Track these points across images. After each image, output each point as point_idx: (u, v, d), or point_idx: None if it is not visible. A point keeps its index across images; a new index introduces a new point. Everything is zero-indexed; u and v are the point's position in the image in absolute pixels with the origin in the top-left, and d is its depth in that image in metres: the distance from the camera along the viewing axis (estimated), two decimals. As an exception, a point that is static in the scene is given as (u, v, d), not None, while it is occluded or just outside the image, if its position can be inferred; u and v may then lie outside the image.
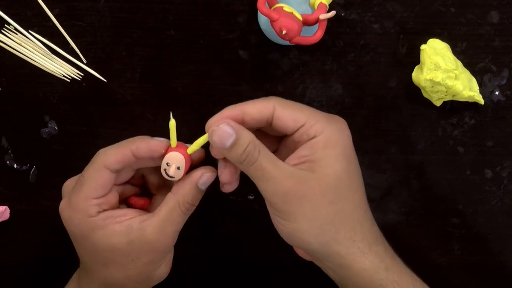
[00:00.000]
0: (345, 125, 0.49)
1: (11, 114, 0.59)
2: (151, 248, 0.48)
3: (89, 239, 0.48)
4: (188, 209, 0.48)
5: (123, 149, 0.48)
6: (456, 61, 0.56)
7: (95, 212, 0.47)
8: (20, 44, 0.58)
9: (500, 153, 0.59)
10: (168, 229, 0.48)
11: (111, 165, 0.47)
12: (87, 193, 0.47)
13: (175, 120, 0.47)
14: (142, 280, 0.50)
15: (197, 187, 0.48)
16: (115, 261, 0.48)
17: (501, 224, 0.60)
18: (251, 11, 0.58)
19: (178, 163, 0.48)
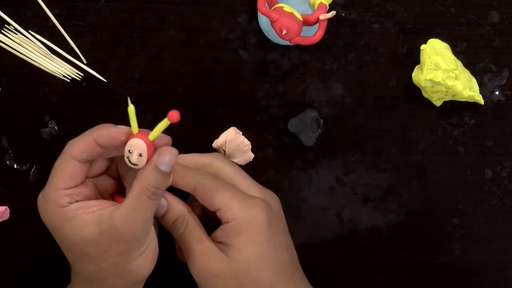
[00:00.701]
0: (263, 209, 0.49)
1: (11, 114, 0.59)
2: (121, 237, 0.47)
3: (62, 230, 0.48)
4: (153, 193, 0.46)
5: (87, 138, 0.47)
6: (456, 61, 0.56)
7: (66, 203, 0.47)
8: (20, 44, 0.58)
9: (500, 153, 0.59)
10: (136, 216, 0.47)
11: (77, 155, 0.47)
12: (57, 184, 0.47)
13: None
14: (119, 273, 0.48)
15: (157, 169, 0.46)
16: (88, 254, 0.48)
17: (501, 224, 0.60)
18: (251, 11, 0.58)
19: (139, 149, 0.46)
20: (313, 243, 0.59)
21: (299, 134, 0.58)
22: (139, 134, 0.47)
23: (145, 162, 0.47)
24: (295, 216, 0.60)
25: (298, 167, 0.59)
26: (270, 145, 0.59)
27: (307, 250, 0.59)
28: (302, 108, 0.58)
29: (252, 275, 0.48)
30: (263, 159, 0.59)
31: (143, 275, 0.50)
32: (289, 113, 0.59)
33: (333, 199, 0.60)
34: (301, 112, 0.58)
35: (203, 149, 0.57)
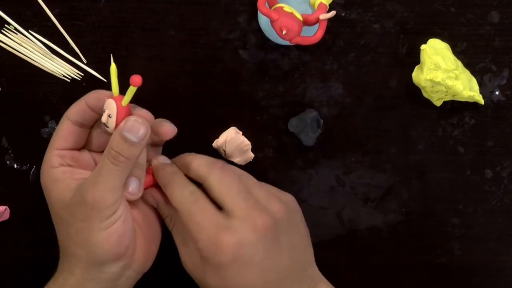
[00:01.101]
0: (228, 247, 0.48)
1: (11, 114, 0.59)
2: (83, 201, 0.47)
3: (48, 190, 0.50)
4: (114, 157, 0.46)
5: (80, 101, 0.51)
6: (456, 61, 0.56)
7: (56, 163, 0.49)
8: (20, 44, 0.58)
9: (500, 153, 0.59)
10: (98, 180, 0.47)
11: (71, 116, 0.50)
12: (52, 144, 0.51)
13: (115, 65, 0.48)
14: (81, 243, 0.48)
15: (121, 134, 0.46)
16: (61, 217, 0.49)
17: (501, 224, 0.60)
18: (251, 11, 0.58)
19: (109, 110, 0.47)
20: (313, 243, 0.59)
21: (299, 134, 0.58)
22: (117, 97, 0.48)
23: (113, 124, 0.48)
24: (295, 216, 0.60)
25: (298, 167, 0.59)
26: (270, 145, 0.59)
27: (307, 250, 0.59)
28: (302, 108, 0.58)
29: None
30: (263, 159, 0.59)
31: (106, 255, 0.48)
32: (289, 113, 0.59)
33: (333, 199, 0.60)
34: (301, 112, 0.58)
35: (203, 149, 0.57)
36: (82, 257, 0.49)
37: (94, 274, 0.49)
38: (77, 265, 0.49)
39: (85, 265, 0.49)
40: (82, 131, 0.51)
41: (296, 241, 0.51)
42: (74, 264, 0.49)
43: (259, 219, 0.48)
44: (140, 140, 0.47)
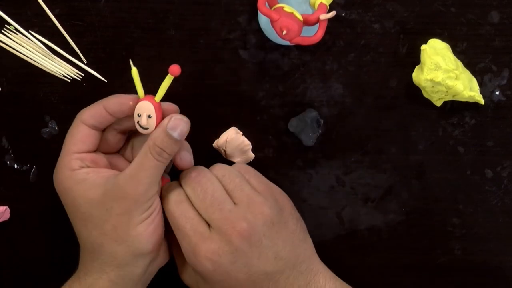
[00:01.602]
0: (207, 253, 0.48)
1: (11, 114, 0.59)
2: (123, 195, 0.48)
3: (71, 193, 0.49)
4: (158, 153, 0.48)
5: (97, 105, 0.51)
6: (457, 61, 0.56)
7: (77, 166, 0.50)
8: (20, 44, 0.58)
9: (501, 153, 0.59)
10: (140, 174, 0.48)
11: (87, 120, 0.50)
12: (68, 148, 0.50)
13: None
14: (118, 238, 0.49)
15: (165, 131, 0.48)
16: (92, 215, 0.49)
17: (501, 224, 0.60)
18: (251, 11, 0.58)
19: (147, 111, 0.48)
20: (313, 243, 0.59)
21: (299, 134, 0.58)
22: (146, 98, 0.49)
23: (154, 124, 0.49)
24: (295, 216, 0.60)
25: (298, 167, 0.59)
26: (270, 145, 0.59)
27: (307, 250, 0.59)
28: (302, 108, 0.58)
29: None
30: (263, 159, 0.59)
31: (143, 247, 0.49)
32: (289, 113, 0.59)
33: (333, 199, 0.60)
34: (301, 112, 0.58)
35: (203, 149, 0.57)
36: (118, 253, 0.49)
37: (128, 270, 0.50)
38: (112, 262, 0.49)
39: (120, 262, 0.49)
40: (97, 134, 0.52)
41: (284, 239, 0.51)
42: (107, 263, 0.49)
43: (235, 228, 0.48)
44: (182, 137, 0.49)
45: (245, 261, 0.49)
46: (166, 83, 0.49)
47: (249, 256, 0.49)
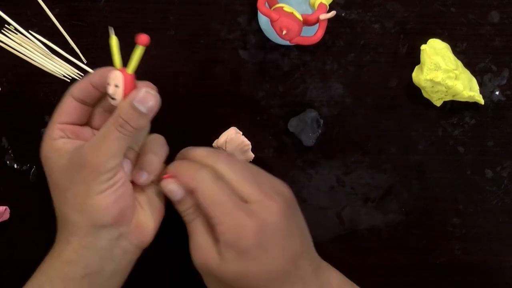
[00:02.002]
0: (254, 228, 0.48)
1: (11, 114, 0.59)
2: (83, 164, 0.48)
3: (48, 161, 0.50)
4: (121, 125, 0.47)
5: (84, 79, 0.52)
6: (456, 61, 0.56)
7: (57, 136, 0.50)
8: (20, 44, 0.58)
9: (501, 153, 0.59)
10: (101, 145, 0.48)
11: (73, 93, 0.51)
12: (54, 119, 0.51)
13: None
14: (78, 207, 0.48)
15: (131, 104, 0.47)
16: (59, 183, 0.50)
17: (501, 224, 0.60)
18: (251, 11, 0.58)
19: (116, 80, 0.48)
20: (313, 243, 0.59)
21: (299, 134, 0.58)
22: (122, 69, 0.48)
23: (121, 95, 0.48)
24: (295, 216, 0.60)
25: (298, 167, 0.59)
26: (270, 145, 0.59)
27: (307, 250, 0.59)
28: (302, 108, 0.58)
29: (240, 284, 0.49)
30: (263, 159, 0.59)
31: (102, 218, 0.49)
32: (289, 113, 0.59)
33: (333, 199, 0.60)
34: (301, 112, 0.58)
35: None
36: (79, 223, 0.49)
37: (90, 241, 0.49)
38: (75, 232, 0.49)
39: (82, 232, 0.49)
40: (85, 109, 0.52)
41: (302, 222, 0.52)
42: (71, 232, 0.50)
43: (276, 201, 0.49)
44: (149, 111, 0.48)
45: (281, 236, 0.49)
46: (137, 54, 0.47)
47: (285, 232, 0.49)
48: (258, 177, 0.51)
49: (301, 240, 0.51)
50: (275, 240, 0.49)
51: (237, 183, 0.50)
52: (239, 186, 0.50)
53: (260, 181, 0.51)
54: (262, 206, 0.49)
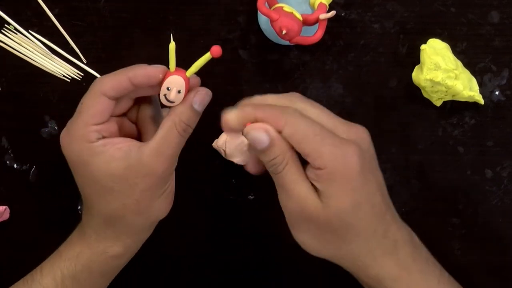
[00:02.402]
0: (354, 153, 0.46)
1: (11, 114, 0.59)
2: (148, 172, 0.47)
3: (89, 166, 0.48)
4: (184, 129, 0.47)
5: (120, 76, 0.48)
6: (456, 61, 0.56)
7: (94, 138, 0.48)
8: (20, 44, 0.58)
9: (500, 153, 0.59)
10: (165, 151, 0.47)
11: (108, 92, 0.47)
12: (86, 120, 0.47)
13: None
14: (140, 211, 0.49)
15: (192, 107, 0.48)
16: (113, 189, 0.48)
17: (501, 224, 0.60)
18: (251, 11, 0.58)
19: (178, 86, 0.48)
20: (313, 243, 0.59)
21: (299, 134, 0.58)
22: (176, 72, 0.48)
23: (181, 99, 0.48)
24: (295, 216, 0.60)
25: (298, 167, 0.59)
26: (270, 145, 0.59)
27: (307, 250, 0.59)
28: (302, 108, 0.58)
29: (345, 221, 0.46)
30: (263, 159, 0.59)
31: (160, 215, 0.50)
32: (289, 113, 0.59)
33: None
34: (301, 112, 0.58)
35: (203, 149, 0.57)
36: (138, 223, 0.49)
37: (143, 236, 0.51)
38: (129, 231, 0.50)
39: (137, 230, 0.50)
40: (114, 103, 0.49)
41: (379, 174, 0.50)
42: (124, 231, 0.50)
43: (362, 130, 0.48)
44: (204, 107, 0.49)
45: (375, 164, 0.48)
46: (202, 62, 0.47)
47: (375, 162, 0.48)
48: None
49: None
50: (371, 169, 0.47)
51: (321, 116, 0.47)
52: (323, 119, 0.47)
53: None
54: (353, 133, 0.47)
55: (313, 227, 0.47)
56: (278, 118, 0.46)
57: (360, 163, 0.46)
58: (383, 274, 0.48)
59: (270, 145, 0.46)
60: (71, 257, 0.50)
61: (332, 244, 0.47)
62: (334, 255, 0.48)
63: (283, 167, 0.47)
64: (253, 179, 0.59)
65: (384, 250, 0.48)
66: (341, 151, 0.45)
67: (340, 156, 0.45)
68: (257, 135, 0.46)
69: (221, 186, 0.60)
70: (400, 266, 0.48)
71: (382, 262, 0.48)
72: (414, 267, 0.49)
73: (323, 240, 0.47)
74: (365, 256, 0.48)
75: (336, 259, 0.49)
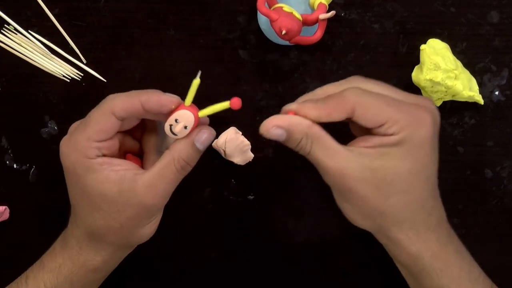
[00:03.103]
0: (426, 120, 0.46)
1: (11, 114, 0.59)
2: (139, 202, 0.47)
3: (82, 180, 0.48)
4: (182, 167, 0.47)
5: (133, 98, 0.47)
6: (456, 61, 0.56)
7: (93, 155, 0.48)
8: (20, 44, 0.58)
9: (500, 153, 0.59)
10: (159, 185, 0.47)
11: (118, 112, 0.47)
12: (90, 135, 0.47)
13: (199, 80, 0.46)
14: (123, 235, 0.49)
15: (194, 145, 0.47)
16: (101, 208, 0.48)
17: (501, 224, 0.60)
18: (251, 11, 0.58)
19: (187, 122, 0.47)
20: (313, 243, 0.59)
21: (299, 134, 0.58)
22: (190, 107, 0.47)
23: (185, 134, 0.47)
24: (295, 216, 0.60)
25: (298, 167, 0.59)
26: (270, 145, 0.59)
27: (307, 250, 0.59)
28: (302, 108, 0.58)
29: (397, 189, 0.46)
30: (263, 159, 0.59)
31: (142, 240, 0.51)
32: (289, 113, 0.59)
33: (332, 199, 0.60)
34: (301, 112, 0.58)
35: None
36: (119, 243, 0.50)
37: (123, 253, 0.52)
38: (109, 248, 0.50)
39: (118, 248, 0.50)
40: (120, 123, 0.49)
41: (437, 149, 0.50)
42: (105, 248, 0.50)
43: (433, 107, 0.48)
44: (205, 148, 0.48)
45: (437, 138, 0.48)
46: (218, 108, 0.46)
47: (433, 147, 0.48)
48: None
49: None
50: (436, 141, 0.47)
51: (387, 91, 0.48)
52: (390, 93, 0.47)
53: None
54: (422, 103, 0.47)
55: (357, 196, 0.47)
56: (344, 104, 0.46)
57: (432, 131, 0.46)
58: (424, 250, 0.48)
59: (287, 135, 0.47)
60: (53, 269, 0.51)
61: (377, 214, 0.47)
62: (378, 225, 0.48)
63: (310, 145, 0.47)
64: (253, 179, 0.59)
65: (428, 226, 0.48)
66: (417, 118, 0.46)
67: (415, 123, 0.46)
68: (272, 133, 0.47)
69: (221, 186, 0.60)
70: (441, 243, 0.49)
71: (425, 237, 0.48)
72: (451, 247, 0.50)
73: (367, 209, 0.47)
74: (408, 229, 0.48)
75: (379, 230, 0.49)
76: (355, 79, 0.49)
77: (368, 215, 0.48)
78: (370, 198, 0.47)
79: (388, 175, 0.46)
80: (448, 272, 0.49)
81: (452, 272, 0.49)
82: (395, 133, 0.46)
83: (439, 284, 0.48)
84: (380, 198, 0.47)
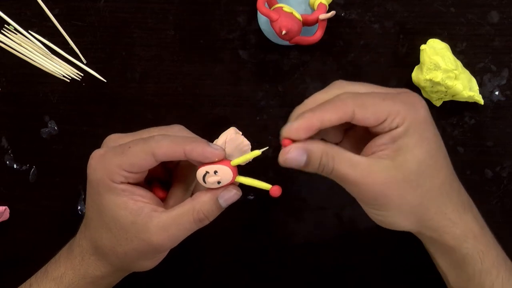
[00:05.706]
0: (419, 103, 0.47)
1: (11, 114, 0.59)
2: (148, 239, 0.47)
3: (101, 197, 0.48)
4: (200, 219, 0.47)
5: (178, 146, 0.47)
6: (456, 61, 0.56)
7: (118, 181, 0.47)
8: (20, 44, 0.58)
9: (500, 153, 0.59)
10: (173, 230, 0.47)
11: (159, 156, 0.47)
12: (123, 164, 0.47)
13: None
14: (124, 261, 0.49)
15: (217, 201, 0.47)
16: (111, 230, 0.48)
17: (501, 224, 0.60)
18: (251, 11, 0.58)
19: (223, 179, 0.47)
20: (313, 243, 0.59)
21: (299, 134, 0.58)
22: (232, 167, 0.47)
23: (214, 188, 0.47)
24: (295, 216, 0.60)
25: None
26: (270, 145, 0.59)
27: (307, 250, 0.59)
28: (302, 108, 0.58)
29: (425, 175, 0.47)
30: (262, 159, 0.59)
31: (141, 270, 0.51)
32: (289, 113, 0.58)
33: (332, 199, 0.60)
34: (301, 112, 0.58)
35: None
36: (118, 265, 0.50)
37: (121, 274, 0.53)
38: (108, 267, 0.50)
39: (117, 269, 0.51)
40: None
41: None
42: (105, 265, 0.50)
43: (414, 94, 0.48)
44: (227, 206, 0.48)
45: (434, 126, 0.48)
46: (257, 185, 0.47)
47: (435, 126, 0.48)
48: None
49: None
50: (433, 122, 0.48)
51: (372, 89, 0.48)
52: (375, 90, 0.48)
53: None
54: (405, 94, 0.47)
55: (393, 194, 0.46)
56: (344, 107, 0.46)
57: (427, 110, 0.47)
58: (467, 231, 0.48)
59: (308, 158, 0.46)
60: (56, 278, 0.51)
61: (417, 207, 0.47)
62: (420, 219, 0.48)
63: (332, 161, 0.46)
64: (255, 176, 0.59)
65: (464, 205, 0.49)
66: (411, 103, 0.46)
67: (412, 109, 0.46)
68: (293, 159, 0.46)
69: (221, 186, 0.60)
70: (479, 224, 0.49)
71: (465, 217, 0.48)
72: (486, 229, 0.50)
73: (407, 206, 0.47)
74: (450, 212, 0.48)
75: (422, 224, 0.48)
76: (340, 84, 0.49)
77: (408, 213, 0.47)
78: (404, 195, 0.46)
79: (413, 166, 0.46)
80: (489, 255, 0.49)
81: (492, 255, 0.49)
82: (400, 124, 0.46)
83: (483, 268, 0.48)
84: (413, 191, 0.47)
